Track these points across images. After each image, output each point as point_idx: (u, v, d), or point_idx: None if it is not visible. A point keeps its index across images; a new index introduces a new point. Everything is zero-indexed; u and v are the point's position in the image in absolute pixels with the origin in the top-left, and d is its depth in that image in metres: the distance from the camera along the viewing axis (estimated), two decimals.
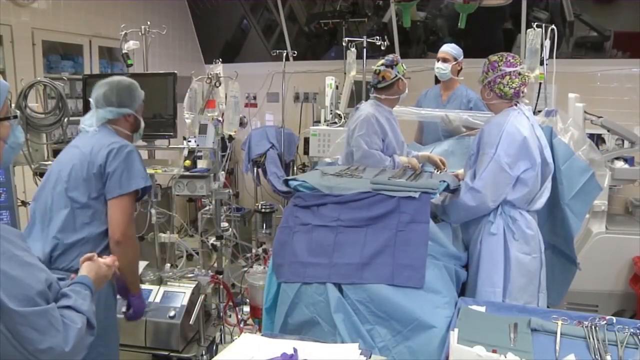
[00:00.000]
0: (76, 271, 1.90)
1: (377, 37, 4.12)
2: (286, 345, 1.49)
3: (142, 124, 2.32)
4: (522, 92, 2.37)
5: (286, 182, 2.28)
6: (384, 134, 2.83)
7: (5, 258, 1.15)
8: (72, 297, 1.28)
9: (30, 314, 1.14)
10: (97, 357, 1.91)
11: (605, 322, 1.62)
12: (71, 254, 2.00)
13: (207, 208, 4.33)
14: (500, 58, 2.35)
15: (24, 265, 1.18)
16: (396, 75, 2.82)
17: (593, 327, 1.60)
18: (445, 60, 3.55)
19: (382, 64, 2.85)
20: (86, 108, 3.36)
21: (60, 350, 1.16)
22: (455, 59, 3.54)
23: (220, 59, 3.22)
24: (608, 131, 3.53)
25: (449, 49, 3.58)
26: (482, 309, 1.82)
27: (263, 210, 4.60)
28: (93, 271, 1.48)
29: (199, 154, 3.41)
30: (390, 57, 2.86)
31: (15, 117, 1.31)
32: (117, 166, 2.05)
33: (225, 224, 3.54)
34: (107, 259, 1.58)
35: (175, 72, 3.02)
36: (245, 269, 3.77)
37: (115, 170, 2.04)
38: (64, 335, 1.18)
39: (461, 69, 3.61)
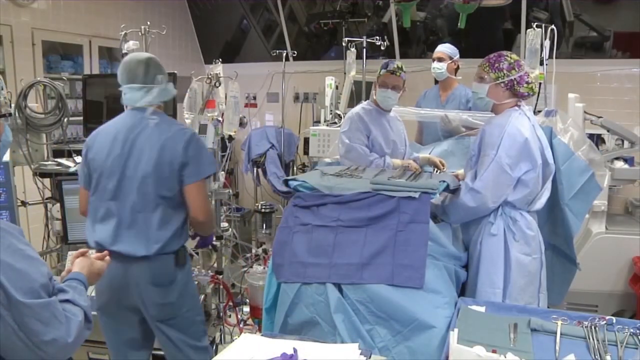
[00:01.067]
0: (176, 252, 2.15)
1: (377, 37, 4.12)
2: (286, 345, 1.49)
3: None
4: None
5: (286, 182, 2.28)
6: (368, 131, 2.88)
7: (10, 251, 1.17)
8: (69, 291, 1.30)
9: (36, 305, 1.16)
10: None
11: (605, 322, 1.62)
12: (173, 243, 2.15)
13: None
14: (518, 57, 2.34)
15: (27, 259, 1.21)
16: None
17: (593, 327, 1.60)
18: (440, 59, 3.56)
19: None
20: (86, 108, 3.38)
21: (63, 342, 1.19)
22: (451, 58, 3.56)
23: (220, 59, 3.23)
24: (608, 131, 3.53)
25: (444, 48, 3.59)
26: (482, 309, 1.82)
27: (263, 210, 4.60)
28: (86, 267, 1.50)
29: None
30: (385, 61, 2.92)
31: (10, 115, 1.33)
32: (193, 154, 2.15)
33: (225, 224, 3.54)
34: (99, 255, 1.61)
35: (175, 72, 3.03)
36: (245, 269, 3.77)
37: (193, 158, 2.14)
38: (66, 327, 1.21)
39: (458, 67, 3.62)
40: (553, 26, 2.90)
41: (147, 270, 2.10)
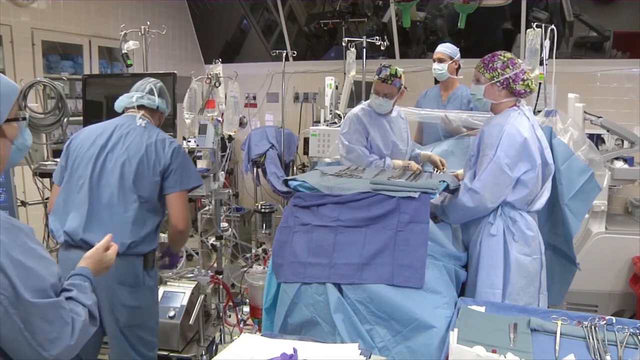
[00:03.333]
0: (145, 255, 2.16)
1: (377, 37, 4.11)
2: (286, 345, 1.49)
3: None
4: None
5: (286, 182, 2.28)
6: (366, 133, 2.89)
7: (22, 250, 1.17)
8: (73, 290, 1.30)
9: (43, 305, 1.16)
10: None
11: (605, 322, 1.62)
12: (144, 245, 2.17)
13: (206, 208, 4.34)
14: (514, 56, 2.34)
15: (38, 258, 1.21)
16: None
17: (593, 327, 1.60)
18: (440, 60, 3.55)
19: None
20: (86, 108, 3.37)
21: (66, 343, 1.18)
22: (451, 58, 3.55)
23: (220, 59, 3.23)
24: (608, 131, 3.53)
25: (444, 48, 3.58)
26: (482, 309, 1.82)
27: (263, 210, 4.60)
28: (93, 260, 1.49)
29: (198, 154, 3.41)
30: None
31: (24, 119, 1.33)
32: (179, 164, 2.22)
33: (225, 224, 3.55)
34: (111, 248, 1.59)
35: (175, 72, 3.02)
36: (245, 269, 3.78)
37: (178, 168, 2.21)
38: (71, 327, 1.21)
39: (459, 67, 3.61)
40: (553, 26, 2.89)
41: (112, 269, 2.09)
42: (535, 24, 2.89)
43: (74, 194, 2.17)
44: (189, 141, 3.22)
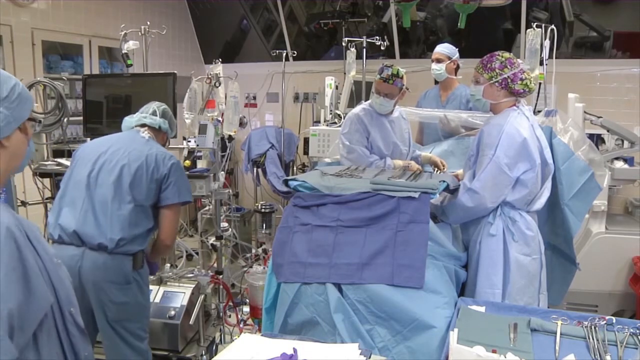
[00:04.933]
0: (134, 254, 2.20)
1: (377, 37, 4.12)
2: (286, 345, 1.49)
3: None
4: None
5: (286, 182, 2.28)
6: (367, 133, 2.89)
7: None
8: None
9: None
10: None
11: (605, 322, 1.61)
12: (133, 244, 2.22)
13: (207, 208, 4.34)
14: (512, 55, 2.34)
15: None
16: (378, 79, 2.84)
17: (593, 327, 1.60)
18: (439, 60, 3.56)
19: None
20: (86, 108, 3.37)
21: None
22: (449, 58, 3.55)
23: (220, 59, 3.23)
24: (608, 131, 3.53)
25: (441, 49, 3.58)
26: (482, 309, 1.82)
27: (263, 210, 4.60)
28: None
29: (198, 154, 3.42)
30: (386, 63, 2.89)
31: (40, 122, 1.34)
32: (177, 178, 2.30)
33: (225, 224, 3.55)
34: None
35: (175, 72, 3.03)
36: (245, 269, 3.78)
37: (175, 181, 2.29)
38: None
39: (458, 67, 3.61)
40: (553, 26, 2.89)
41: (102, 266, 2.14)
42: (535, 24, 2.89)
43: (71, 190, 2.23)
44: (189, 141, 3.23)
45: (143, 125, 2.41)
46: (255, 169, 5.01)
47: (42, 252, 1.19)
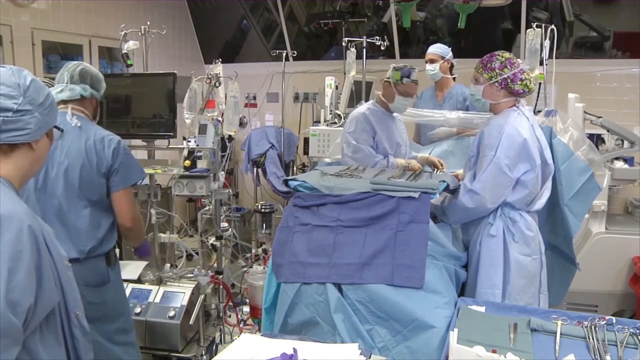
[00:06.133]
0: (106, 254, 2.21)
1: (377, 37, 4.12)
2: (286, 345, 1.49)
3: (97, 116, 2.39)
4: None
5: (286, 182, 2.28)
6: (373, 132, 2.87)
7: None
8: None
9: None
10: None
11: (605, 322, 1.62)
12: (103, 246, 2.19)
13: (206, 208, 4.33)
14: (512, 55, 2.34)
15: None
16: (388, 79, 2.82)
17: (593, 327, 1.60)
18: (432, 61, 3.57)
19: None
20: None
21: None
22: (443, 58, 3.56)
23: (220, 59, 3.23)
24: (608, 131, 3.53)
25: (434, 49, 3.60)
26: (482, 309, 1.82)
27: (263, 210, 4.60)
28: None
29: (198, 154, 3.41)
30: (399, 65, 2.83)
31: (62, 130, 1.42)
32: (121, 162, 2.19)
33: (225, 224, 3.54)
34: None
35: (175, 72, 3.02)
36: (245, 269, 3.78)
37: (120, 166, 2.19)
38: None
39: (452, 66, 3.62)
40: (553, 26, 2.89)
41: (78, 274, 2.08)
42: (535, 24, 2.89)
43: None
44: (189, 141, 3.22)
45: (65, 103, 2.16)
46: (255, 169, 5.01)
47: (55, 254, 1.21)
